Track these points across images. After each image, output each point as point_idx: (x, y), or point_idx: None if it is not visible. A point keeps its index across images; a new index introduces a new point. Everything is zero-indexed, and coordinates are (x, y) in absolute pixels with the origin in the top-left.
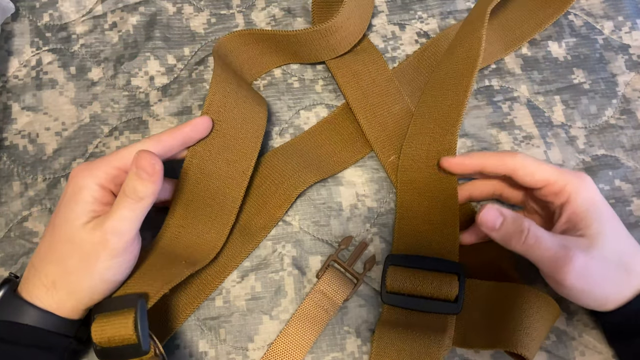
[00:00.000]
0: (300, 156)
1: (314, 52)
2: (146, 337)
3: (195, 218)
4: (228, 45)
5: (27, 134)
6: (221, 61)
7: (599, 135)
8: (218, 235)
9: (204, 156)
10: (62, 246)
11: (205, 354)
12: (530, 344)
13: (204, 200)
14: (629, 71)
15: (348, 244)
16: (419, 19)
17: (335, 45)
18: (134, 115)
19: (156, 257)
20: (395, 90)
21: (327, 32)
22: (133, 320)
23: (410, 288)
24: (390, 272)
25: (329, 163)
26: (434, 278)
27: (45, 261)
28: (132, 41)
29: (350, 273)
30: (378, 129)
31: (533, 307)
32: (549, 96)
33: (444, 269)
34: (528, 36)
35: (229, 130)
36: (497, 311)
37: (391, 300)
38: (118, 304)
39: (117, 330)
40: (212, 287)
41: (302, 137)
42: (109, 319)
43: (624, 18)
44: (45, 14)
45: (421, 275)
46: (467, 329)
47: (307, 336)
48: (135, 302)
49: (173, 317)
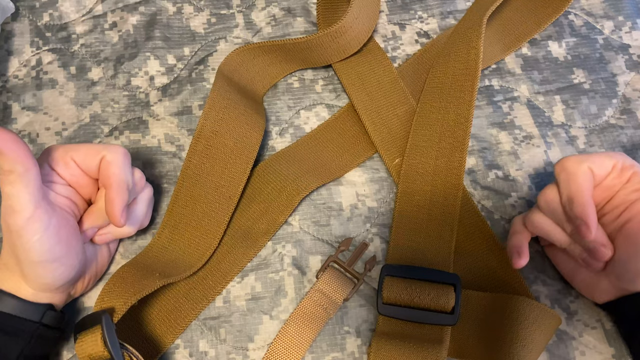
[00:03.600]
0: (302, 160)
1: (323, 56)
2: (117, 350)
3: (180, 240)
4: (237, 59)
5: (27, 133)
6: (224, 80)
7: (599, 135)
8: (198, 258)
9: (194, 180)
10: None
11: (205, 354)
12: (527, 356)
13: (190, 223)
14: (629, 71)
15: (348, 245)
16: (419, 19)
17: (345, 47)
18: (134, 115)
19: (128, 271)
20: (401, 91)
21: (336, 34)
22: (101, 337)
23: (406, 299)
24: (386, 283)
25: (331, 167)
26: (431, 289)
27: (3, 244)
28: (132, 41)
29: (350, 273)
30: (383, 130)
31: (530, 319)
32: (549, 96)
33: (440, 280)
34: (527, 36)
35: (219, 156)
36: (493, 323)
37: (388, 312)
38: (88, 322)
39: (91, 348)
40: (215, 292)
41: (304, 140)
42: (83, 337)
43: (624, 18)
44: (45, 14)
45: (418, 286)
46: (463, 341)
47: (306, 335)
48: (100, 318)
49: (176, 322)
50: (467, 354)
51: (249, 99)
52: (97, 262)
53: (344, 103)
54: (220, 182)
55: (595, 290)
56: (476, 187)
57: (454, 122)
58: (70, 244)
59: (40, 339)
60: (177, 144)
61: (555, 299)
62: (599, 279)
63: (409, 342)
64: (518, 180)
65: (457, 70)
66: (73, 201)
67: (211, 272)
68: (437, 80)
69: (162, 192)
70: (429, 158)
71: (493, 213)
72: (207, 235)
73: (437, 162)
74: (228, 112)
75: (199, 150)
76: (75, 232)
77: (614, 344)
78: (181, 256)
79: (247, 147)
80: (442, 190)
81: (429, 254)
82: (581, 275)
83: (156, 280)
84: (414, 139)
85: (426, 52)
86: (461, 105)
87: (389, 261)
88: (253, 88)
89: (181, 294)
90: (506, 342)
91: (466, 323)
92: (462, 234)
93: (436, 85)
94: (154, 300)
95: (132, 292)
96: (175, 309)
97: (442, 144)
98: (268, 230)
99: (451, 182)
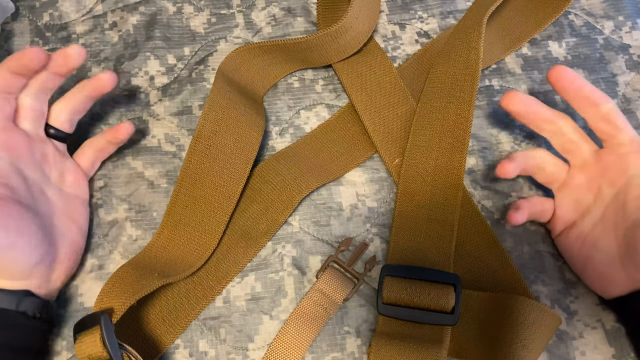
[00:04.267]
0: (302, 160)
1: (323, 56)
2: (116, 351)
3: (180, 240)
4: (237, 59)
5: None
6: (224, 80)
7: None
8: (197, 258)
9: (193, 180)
10: None
11: (205, 354)
12: (526, 356)
13: (190, 223)
14: (629, 71)
15: (348, 246)
16: (419, 19)
17: (345, 46)
18: (134, 115)
19: (127, 271)
20: (401, 91)
21: (337, 34)
22: (100, 337)
23: (406, 299)
24: (387, 283)
25: (331, 167)
26: (431, 289)
27: None
28: (132, 41)
29: (350, 273)
30: (383, 131)
31: (530, 319)
32: (549, 96)
33: (440, 280)
34: (528, 36)
35: (218, 155)
36: (493, 323)
37: (388, 312)
38: (87, 323)
39: (91, 348)
40: (214, 292)
41: (304, 140)
42: (83, 338)
43: (624, 18)
44: (45, 14)
45: (418, 286)
46: (463, 341)
47: (306, 335)
48: (99, 319)
49: (176, 322)
50: (467, 354)
51: (249, 99)
52: (69, 240)
53: (344, 103)
54: (220, 181)
55: (609, 283)
56: (476, 187)
57: (454, 122)
58: (19, 230)
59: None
60: (177, 144)
61: (555, 299)
62: (615, 270)
63: (409, 342)
64: (518, 180)
65: (457, 71)
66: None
67: (211, 272)
68: (438, 80)
69: (162, 192)
70: (429, 158)
71: (493, 213)
72: (206, 235)
73: (437, 162)
74: (228, 112)
75: (199, 150)
76: (22, 216)
77: (614, 344)
78: (181, 256)
79: (247, 147)
80: (442, 190)
81: (429, 254)
82: (595, 266)
83: (155, 280)
84: (414, 139)
85: (426, 52)
86: (461, 106)
87: (389, 261)
88: (253, 88)
89: (181, 293)
90: (506, 342)
91: (466, 323)
92: (463, 235)
93: (436, 86)
94: (153, 300)
95: (131, 293)
96: (175, 309)
97: (442, 144)
98: (268, 230)
99: (451, 182)
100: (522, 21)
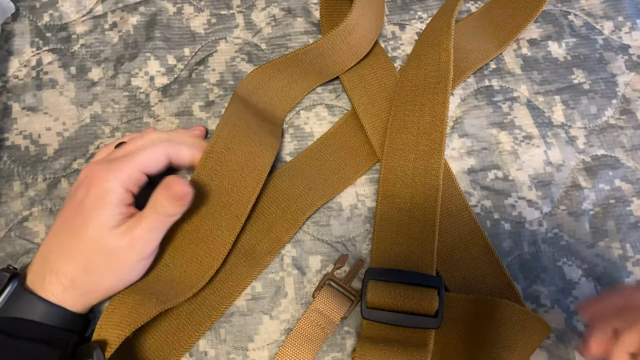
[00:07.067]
0: (305, 176)
1: (336, 61)
2: None
3: (182, 258)
4: (253, 82)
5: (28, 134)
6: (239, 102)
7: (599, 135)
8: (199, 278)
9: (201, 197)
10: (86, 247)
11: (205, 354)
12: (509, 357)
13: (194, 241)
14: (629, 71)
15: (344, 263)
16: (419, 19)
17: (356, 46)
18: (135, 116)
19: (127, 295)
20: None
21: (345, 32)
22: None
23: (390, 303)
24: (370, 287)
25: (335, 180)
26: (415, 292)
27: (65, 260)
28: (132, 41)
29: (347, 291)
30: (383, 134)
31: (512, 321)
32: (549, 96)
33: (424, 283)
34: (521, 28)
35: (229, 173)
36: (477, 325)
37: (372, 316)
38: (84, 354)
39: None
40: (218, 313)
41: (306, 154)
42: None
43: (624, 18)
44: (45, 14)
45: (402, 289)
46: (447, 344)
47: (304, 355)
48: (92, 354)
49: (179, 344)
50: (451, 357)
51: (264, 120)
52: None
53: (344, 103)
54: (228, 200)
55: None
56: (476, 187)
57: (429, 124)
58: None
59: (74, 347)
60: None
61: (555, 299)
62: None
63: (393, 346)
64: (518, 180)
65: (429, 73)
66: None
67: (214, 292)
68: (410, 83)
69: None
70: (408, 161)
71: (493, 213)
72: (210, 254)
73: (416, 165)
74: (241, 130)
75: (209, 166)
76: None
77: None
78: (182, 275)
79: (258, 166)
80: (422, 192)
81: (412, 257)
82: None
83: (153, 306)
84: (391, 143)
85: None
86: (436, 107)
87: (372, 265)
88: (272, 110)
89: (184, 314)
90: (488, 344)
91: (450, 326)
92: (458, 242)
93: (409, 89)
94: (155, 322)
95: (127, 323)
96: (178, 331)
97: (419, 147)
98: (272, 249)
99: (430, 184)
100: (511, 15)
